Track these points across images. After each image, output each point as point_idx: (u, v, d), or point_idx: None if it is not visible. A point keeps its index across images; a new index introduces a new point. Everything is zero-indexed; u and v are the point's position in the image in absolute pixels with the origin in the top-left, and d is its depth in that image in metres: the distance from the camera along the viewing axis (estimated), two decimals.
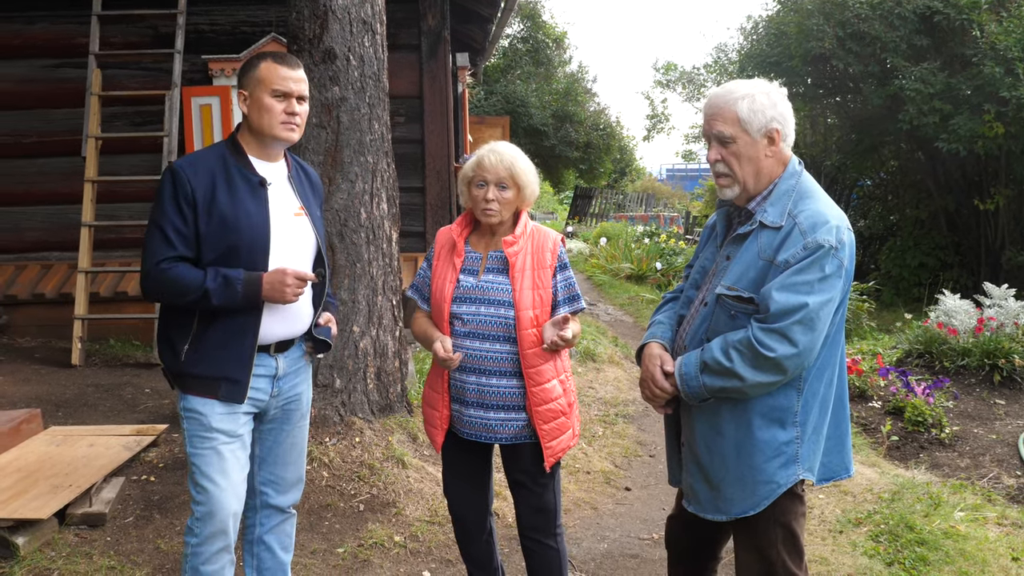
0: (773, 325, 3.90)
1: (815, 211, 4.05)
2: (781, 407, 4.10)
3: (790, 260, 3.95)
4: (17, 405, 9.26)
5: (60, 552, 6.25)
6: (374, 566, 6.41)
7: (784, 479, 4.13)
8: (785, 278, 3.93)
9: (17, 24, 13.06)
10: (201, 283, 4.46)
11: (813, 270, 3.92)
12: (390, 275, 8.24)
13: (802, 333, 3.89)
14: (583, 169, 46.23)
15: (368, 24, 7.98)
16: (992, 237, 23.20)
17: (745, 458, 4.14)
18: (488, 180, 4.91)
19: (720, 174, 4.25)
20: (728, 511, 4.24)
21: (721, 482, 4.21)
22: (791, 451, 4.13)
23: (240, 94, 4.74)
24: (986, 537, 6.98)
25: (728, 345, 4.01)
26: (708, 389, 4.07)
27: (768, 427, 4.11)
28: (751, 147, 4.14)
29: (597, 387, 11.55)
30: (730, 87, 4.22)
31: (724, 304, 4.15)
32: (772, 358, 3.89)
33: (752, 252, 4.11)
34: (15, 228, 13.25)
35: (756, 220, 4.15)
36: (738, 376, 3.96)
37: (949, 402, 11.00)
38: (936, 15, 20.64)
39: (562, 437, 4.99)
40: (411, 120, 13.38)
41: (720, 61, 37.67)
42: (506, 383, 4.91)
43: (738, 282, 4.10)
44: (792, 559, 4.26)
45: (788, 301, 3.89)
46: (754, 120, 4.10)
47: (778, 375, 3.95)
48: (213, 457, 4.65)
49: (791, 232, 4.01)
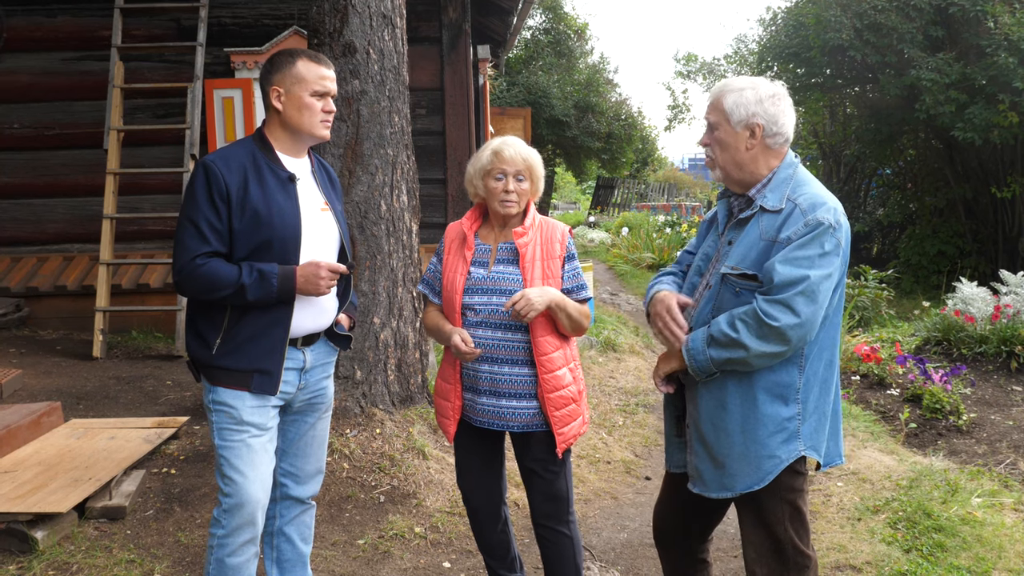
0: (777, 296, 4.07)
1: (813, 194, 4.29)
2: (784, 383, 4.26)
3: (792, 236, 4.15)
4: (38, 398, 9.30)
5: (79, 546, 6.25)
6: (394, 557, 6.42)
7: (786, 454, 4.28)
8: (788, 252, 4.12)
9: (39, 17, 13.16)
10: (236, 279, 4.50)
11: (814, 246, 4.12)
12: (410, 267, 8.27)
13: (804, 304, 4.06)
14: (605, 159, 46.12)
15: (388, 18, 8.02)
16: (1009, 225, 23.19)
17: (750, 432, 4.27)
18: (507, 172, 4.99)
19: (707, 156, 4.58)
20: (733, 487, 4.35)
21: (726, 458, 4.34)
22: (793, 427, 4.28)
23: (274, 90, 4.75)
24: (1003, 523, 6.99)
25: (734, 317, 4.18)
26: (715, 362, 4.22)
27: (772, 402, 4.26)
28: (732, 137, 4.41)
29: (618, 377, 11.57)
30: (728, 81, 4.54)
31: (729, 282, 4.32)
32: (776, 327, 4.05)
33: (754, 234, 4.30)
34: (37, 220, 13.35)
35: (757, 205, 4.35)
36: (743, 346, 4.11)
37: (966, 389, 11.04)
38: (951, 6, 20.64)
39: (573, 424, 5.04)
40: (432, 112, 13.43)
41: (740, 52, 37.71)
42: (518, 371, 4.97)
43: (741, 262, 4.28)
44: (800, 536, 4.41)
45: (791, 273, 4.07)
46: (736, 113, 4.37)
47: (782, 345, 4.10)
48: (243, 449, 4.68)
49: (792, 213, 4.22)
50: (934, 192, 25.67)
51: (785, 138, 4.42)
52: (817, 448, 4.36)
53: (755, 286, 4.22)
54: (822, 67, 24.87)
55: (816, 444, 4.35)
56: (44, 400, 8.85)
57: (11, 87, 13.18)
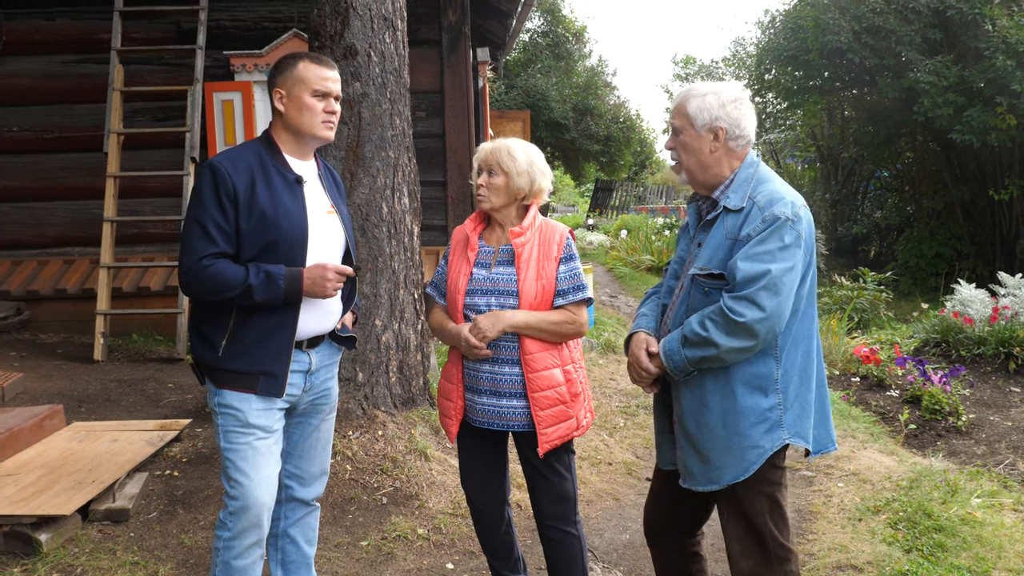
0: (740, 292, 4.21)
1: (771, 190, 4.43)
2: (761, 375, 4.39)
3: (751, 233, 4.31)
4: (39, 401, 9.29)
5: (83, 548, 6.25)
6: (397, 559, 6.42)
7: (770, 443, 4.38)
8: (748, 249, 4.28)
9: (38, 20, 13.17)
10: (243, 280, 4.50)
11: (773, 240, 4.26)
12: (412, 269, 8.28)
13: (768, 298, 4.18)
14: (603, 162, 46.34)
15: (389, 20, 8.03)
16: (1007, 227, 23.32)
17: (732, 425, 4.38)
18: (481, 168, 5.10)
19: (672, 160, 4.74)
20: (719, 479, 4.45)
21: (711, 451, 4.43)
22: (775, 416, 4.39)
23: (276, 92, 4.78)
24: (1002, 523, 7.03)
25: (704, 317, 4.31)
26: (690, 361, 4.34)
27: (751, 394, 4.38)
28: (696, 140, 4.54)
29: (619, 378, 11.58)
30: (692, 87, 4.69)
31: (698, 283, 4.46)
32: (742, 323, 4.17)
33: (720, 235, 4.45)
34: (37, 223, 13.36)
35: (721, 206, 4.49)
36: (713, 344, 4.24)
37: (965, 390, 11.08)
38: (949, 9, 20.77)
39: (560, 425, 5.01)
40: (432, 115, 13.45)
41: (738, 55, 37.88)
42: (516, 371, 4.98)
43: (709, 262, 4.42)
44: (780, 530, 4.51)
45: (752, 269, 4.22)
46: (699, 117, 4.52)
47: (750, 340, 4.22)
48: (249, 452, 4.68)
49: (751, 210, 4.38)
50: (932, 194, 25.79)
51: (747, 140, 4.56)
52: (803, 435, 4.47)
53: (722, 285, 4.35)
54: (820, 70, 25.00)
55: (801, 432, 4.46)
56: (46, 403, 8.86)
57: (10, 90, 13.18)
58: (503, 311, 4.95)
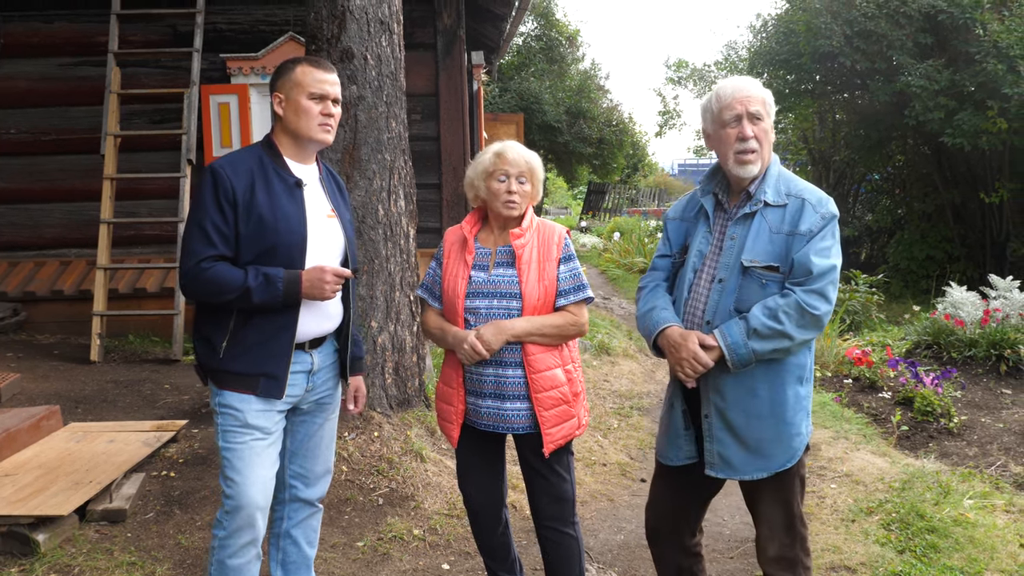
0: (815, 286, 4.33)
1: (810, 187, 4.60)
2: (802, 365, 4.55)
3: (812, 229, 4.41)
4: (36, 401, 9.30)
5: (80, 548, 6.26)
6: (393, 559, 6.44)
7: (807, 429, 4.59)
8: (814, 244, 4.39)
9: (36, 23, 13.18)
10: (242, 282, 4.53)
11: (830, 236, 4.44)
12: (407, 271, 8.31)
13: (833, 292, 4.39)
14: (596, 165, 46.23)
15: (385, 24, 8.06)
16: (997, 230, 23.36)
17: (780, 415, 4.51)
18: (510, 173, 5.03)
19: (750, 151, 4.56)
20: (768, 467, 4.55)
21: (760, 441, 4.53)
22: (807, 405, 4.59)
23: (275, 97, 4.81)
24: (994, 524, 7.07)
25: (776, 309, 4.35)
26: (757, 353, 4.38)
27: (793, 384, 4.53)
28: (771, 130, 4.61)
29: (612, 380, 11.63)
30: (747, 78, 4.69)
31: (753, 275, 4.48)
32: (817, 315, 4.32)
33: (762, 228, 4.51)
34: (34, 225, 13.37)
35: (758, 199, 4.54)
36: (788, 336, 4.34)
37: (957, 392, 11.11)
38: (940, 13, 20.86)
39: (564, 425, 5.02)
40: (427, 118, 13.49)
41: (730, 58, 37.76)
42: (519, 373, 4.98)
43: (759, 255, 4.46)
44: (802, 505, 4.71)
45: (824, 264, 4.36)
46: (772, 108, 4.59)
47: (817, 331, 4.40)
48: (246, 452, 4.71)
49: (801, 207, 4.47)
50: (923, 197, 25.84)
51: None
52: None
53: (778, 277, 4.43)
54: (812, 73, 25.10)
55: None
56: (43, 404, 8.86)
57: (8, 92, 13.18)
58: (504, 321, 4.94)
